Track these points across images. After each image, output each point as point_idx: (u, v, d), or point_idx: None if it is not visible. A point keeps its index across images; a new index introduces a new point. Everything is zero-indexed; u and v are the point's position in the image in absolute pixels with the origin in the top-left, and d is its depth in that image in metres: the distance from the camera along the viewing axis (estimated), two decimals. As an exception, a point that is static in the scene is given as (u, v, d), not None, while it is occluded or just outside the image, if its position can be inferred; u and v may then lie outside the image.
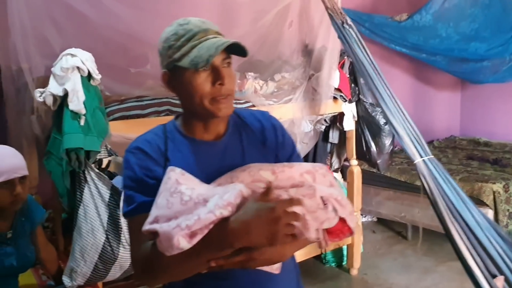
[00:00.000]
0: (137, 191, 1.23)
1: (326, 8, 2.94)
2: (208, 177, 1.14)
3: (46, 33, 2.47)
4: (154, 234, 1.04)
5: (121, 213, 2.24)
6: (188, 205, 1.04)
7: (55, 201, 2.69)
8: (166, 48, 1.25)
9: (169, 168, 1.15)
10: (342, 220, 1.23)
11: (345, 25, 2.89)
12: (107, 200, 2.29)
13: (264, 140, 1.36)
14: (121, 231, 2.28)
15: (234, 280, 1.26)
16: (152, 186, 1.18)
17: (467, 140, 5.95)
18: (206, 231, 1.02)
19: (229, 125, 1.36)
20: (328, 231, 1.23)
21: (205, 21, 1.27)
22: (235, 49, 1.24)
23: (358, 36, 2.89)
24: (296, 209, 1.05)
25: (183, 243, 1.00)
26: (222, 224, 1.03)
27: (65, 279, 2.27)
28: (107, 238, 2.28)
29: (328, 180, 1.25)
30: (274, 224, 1.02)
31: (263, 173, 1.16)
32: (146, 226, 1.06)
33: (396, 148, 4.51)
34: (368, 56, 2.84)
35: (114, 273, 2.36)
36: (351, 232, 1.27)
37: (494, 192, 3.99)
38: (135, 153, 1.27)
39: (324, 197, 1.19)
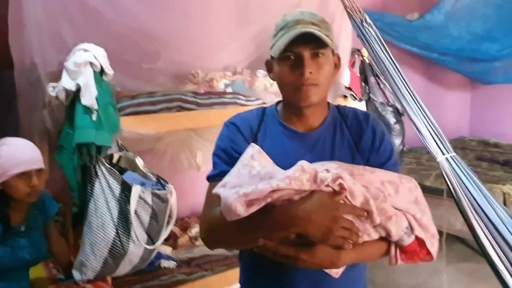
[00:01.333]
0: (222, 160, 1.32)
1: (345, 7, 2.92)
2: (290, 166, 1.13)
3: (60, 28, 2.49)
4: (220, 198, 1.10)
5: (132, 209, 2.27)
6: (254, 179, 1.10)
7: (66, 195, 2.71)
8: (271, 38, 1.31)
9: (250, 144, 1.23)
10: (420, 242, 1.19)
11: (364, 23, 2.87)
12: (117, 195, 2.29)
13: (358, 142, 1.35)
14: (131, 226, 2.29)
15: (290, 276, 1.29)
16: (235, 159, 1.23)
17: (477, 141, 5.92)
18: (263, 203, 1.05)
19: (326, 119, 1.37)
20: (402, 250, 1.21)
21: (305, 11, 1.28)
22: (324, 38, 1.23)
23: (377, 35, 2.87)
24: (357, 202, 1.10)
25: (240, 209, 1.04)
26: (285, 205, 1.07)
27: (75, 273, 2.28)
28: (117, 233, 2.29)
29: (414, 195, 1.20)
30: (332, 222, 1.06)
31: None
32: (215, 189, 1.13)
33: (405, 148, 4.50)
34: (388, 54, 2.82)
35: (124, 268, 2.37)
36: (430, 257, 1.22)
37: (504, 194, 3.97)
38: (229, 126, 1.36)
39: (400, 211, 1.16)
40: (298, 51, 1.23)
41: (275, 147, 1.30)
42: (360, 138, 1.35)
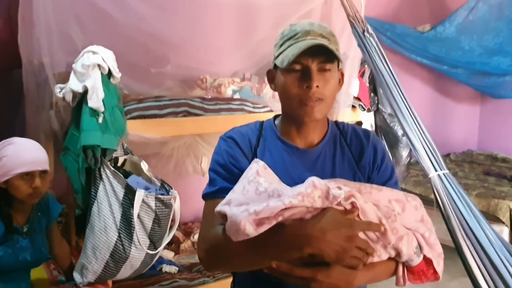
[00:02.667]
0: (221, 176, 1.26)
1: (348, 15, 2.91)
2: (291, 183, 1.12)
3: (69, 29, 2.49)
4: (224, 217, 1.04)
5: (135, 213, 2.26)
6: (261, 196, 1.04)
7: (70, 197, 2.70)
8: (274, 46, 1.28)
9: (254, 160, 1.17)
10: (427, 261, 1.18)
11: (366, 33, 2.86)
12: (121, 198, 2.28)
13: (359, 159, 1.32)
14: (133, 230, 2.28)
15: None
16: (235, 175, 1.19)
17: (485, 155, 5.87)
18: (274, 222, 1.00)
19: (326, 135, 1.34)
20: (409, 270, 1.19)
21: (315, 23, 1.25)
22: (333, 53, 1.20)
23: (378, 45, 2.86)
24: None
25: (249, 229, 0.98)
26: (297, 224, 1.02)
27: (76, 276, 2.27)
28: (119, 236, 2.28)
29: (419, 214, 1.19)
30: (348, 241, 1.01)
31: None
32: (218, 207, 1.07)
33: (412, 160, 4.46)
34: (388, 65, 2.80)
35: (125, 272, 2.36)
36: (436, 277, 1.20)
37: (510, 209, 3.93)
38: (227, 141, 1.31)
39: (410, 230, 1.14)
40: (306, 63, 1.20)
41: (275, 163, 1.25)
42: (361, 156, 1.33)
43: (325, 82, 1.21)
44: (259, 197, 1.04)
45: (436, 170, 2.61)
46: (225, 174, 1.25)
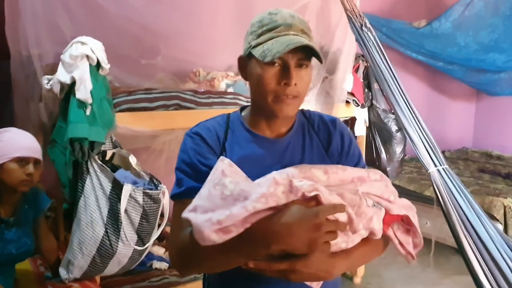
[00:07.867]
0: (188, 175, 1.21)
1: (345, 10, 2.89)
2: (262, 174, 1.08)
3: (57, 19, 2.44)
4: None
5: (122, 208, 2.21)
6: (227, 200, 1.00)
7: (58, 190, 2.66)
8: (249, 33, 1.24)
9: (220, 158, 1.12)
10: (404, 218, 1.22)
11: (363, 28, 2.83)
12: (108, 193, 2.24)
13: (328, 146, 1.32)
14: (120, 225, 2.24)
15: (269, 285, 1.20)
16: (203, 173, 1.14)
17: (479, 152, 5.88)
18: (241, 229, 0.97)
19: (294, 124, 1.33)
20: (385, 219, 1.18)
21: (295, 15, 1.22)
22: (315, 53, 1.18)
23: (376, 40, 2.84)
24: (340, 216, 1.03)
25: (214, 238, 0.96)
26: (263, 222, 0.99)
27: (62, 271, 2.23)
28: (106, 231, 2.23)
29: (383, 184, 1.20)
30: (316, 231, 0.98)
31: (315, 172, 1.10)
32: (184, 213, 1.02)
33: (406, 157, 4.43)
34: (386, 60, 2.78)
35: (112, 268, 2.31)
36: (414, 230, 1.23)
37: (505, 207, 3.92)
38: (193, 138, 1.26)
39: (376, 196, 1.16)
40: (286, 59, 1.17)
41: (245, 155, 1.24)
42: (329, 143, 1.33)
43: (301, 79, 1.19)
44: (225, 202, 1.00)
45: (435, 166, 2.61)
46: (192, 173, 1.21)
